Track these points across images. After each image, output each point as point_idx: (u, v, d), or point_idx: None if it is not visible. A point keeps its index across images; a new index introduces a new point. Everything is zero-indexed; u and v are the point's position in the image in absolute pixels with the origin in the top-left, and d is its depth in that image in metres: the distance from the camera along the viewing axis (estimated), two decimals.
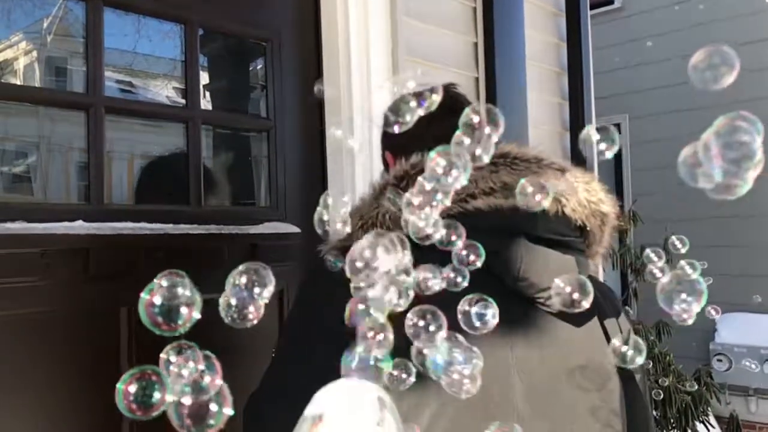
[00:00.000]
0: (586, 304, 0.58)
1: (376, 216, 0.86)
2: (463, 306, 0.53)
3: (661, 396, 3.46)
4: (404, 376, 0.49)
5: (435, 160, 0.48)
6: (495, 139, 0.50)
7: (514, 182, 0.83)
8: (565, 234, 0.88)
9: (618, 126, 5.05)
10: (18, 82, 1.61)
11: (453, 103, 1.02)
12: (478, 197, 0.83)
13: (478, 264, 0.56)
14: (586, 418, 0.85)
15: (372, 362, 0.46)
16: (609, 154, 0.56)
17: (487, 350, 0.77)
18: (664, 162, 4.66)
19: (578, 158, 2.40)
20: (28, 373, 1.34)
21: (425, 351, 0.47)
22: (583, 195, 0.88)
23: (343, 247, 0.89)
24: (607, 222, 0.92)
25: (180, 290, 0.43)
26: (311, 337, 0.89)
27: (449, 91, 1.05)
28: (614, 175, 5.14)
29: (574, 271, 0.86)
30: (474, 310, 0.53)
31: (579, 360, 0.87)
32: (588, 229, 0.90)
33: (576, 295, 0.58)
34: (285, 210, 1.86)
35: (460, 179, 0.47)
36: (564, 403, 0.85)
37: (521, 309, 0.85)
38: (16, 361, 1.32)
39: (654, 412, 3.57)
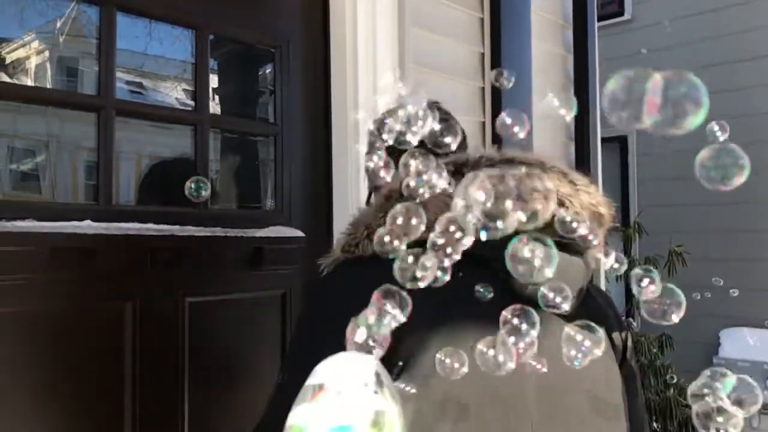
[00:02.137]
0: (675, 318, 0.56)
1: (383, 225, 0.87)
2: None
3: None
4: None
5: None
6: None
7: (529, 186, 0.85)
8: (566, 237, 0.90)
9: (625, 138, 5.05)
10: (29, 81, 1.64)
11: (448, 118, 1.09)
12: None
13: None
14: (594, 419, 0.87)
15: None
16: (568, 118, 0.57)
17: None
18: (670, 174, 4.65)
19: (583, 169, 2.42)
20: (34, 368, 1.36)
21: None
22: (585, 197, 0.90)
23: (347, 259, 0.89)
24: (603, 224, 0.94)
25: None
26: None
27: (440, 108, 1.09)
28: (620, 187, 5.13)
29: (584, 274, 0.88)
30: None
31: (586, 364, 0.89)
32: None
33: (667, 304, 0.56)
34: (290, 214, 1.88)
35: None
36: (573, 405, 0.86)
37: None
38: (23, 357, 1.35)
39: (654, 424, 3.56)
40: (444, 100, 1.19)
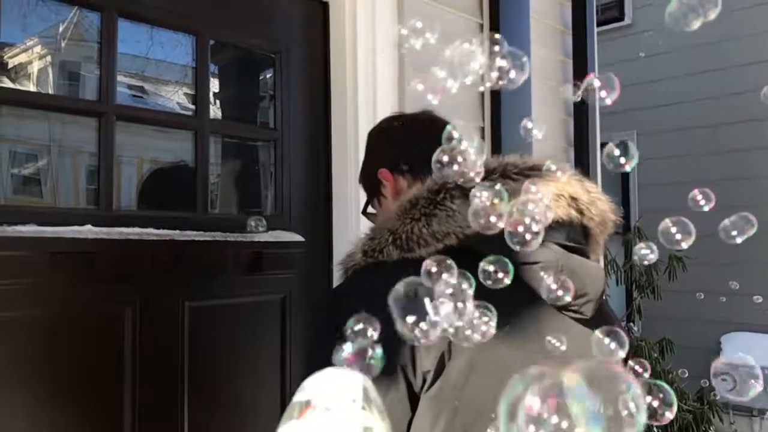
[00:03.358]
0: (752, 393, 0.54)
1: (411, 230, 0.87)
2: None
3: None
4: None
5: None
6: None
7: (555, 192, 0.87)
8: (580, 241, 0.93)
9: (625, 142, 5.04)
10: (31, 86, 1.65)
11: (443, 123, 1.11)
12: None
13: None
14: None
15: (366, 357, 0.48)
16: (628, 168, 0.58)
17: (522, 354, 0.80)
18: (671, 178, 4.65)
19: (583, 173, 2.42)
20: (34, 373, 1.37)
21: None
22: (600, 204, 0.93)
23: (368, 264, 0.90)
24: (606, 229, 0.96)
25: None
26: None
27: (431, 116, 1.13)
28: (621, 191, 5.13)
29: (603, 277, 0.91)
30: None
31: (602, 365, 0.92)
32: (594, 236, 0.94)
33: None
34: (290, 219, 1.89)
35: None
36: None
37: (550, 316, 0.88)
38: (23, 361, 1.35)
39: (655, 429, 3.55)
40: (443, 106, 1.19)
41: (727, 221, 0.58)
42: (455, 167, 0.52)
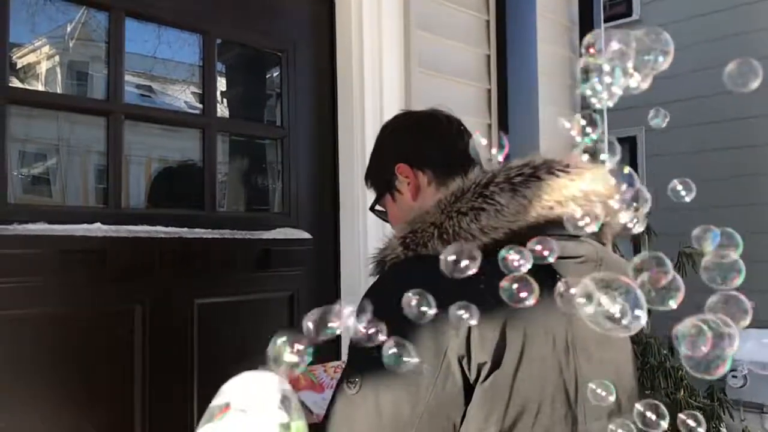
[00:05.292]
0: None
1: (458, 225, 0.86)
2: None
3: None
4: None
5: None
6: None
7: (591, 190, 0.86)
8: (602, 239, 0.95)
9: (634, 139, 5.03)
10: (40, 86, 1.66)
11: (457, 121, 1.13)
12: (564, 204, 0.86)
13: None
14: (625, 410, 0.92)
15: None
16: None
17: (552, 344, 0.82)
18: (680, 175, 4.62)
19: None
20: (44, 370, 1.38)
21: None
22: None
23: (408, 257, 0.88)
24: (613, 228, 0.98)
25: None
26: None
27: (451, 116, 1.13)
28: None
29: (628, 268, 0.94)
30: None
31: (620, 353, 0.95)
32: (605, 233, 0.96)
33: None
34: (297, 216, 1.90)
35: None
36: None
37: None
38: (33, 359, 1.36)
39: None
40: (450, 103, 1.19)
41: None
42: None
